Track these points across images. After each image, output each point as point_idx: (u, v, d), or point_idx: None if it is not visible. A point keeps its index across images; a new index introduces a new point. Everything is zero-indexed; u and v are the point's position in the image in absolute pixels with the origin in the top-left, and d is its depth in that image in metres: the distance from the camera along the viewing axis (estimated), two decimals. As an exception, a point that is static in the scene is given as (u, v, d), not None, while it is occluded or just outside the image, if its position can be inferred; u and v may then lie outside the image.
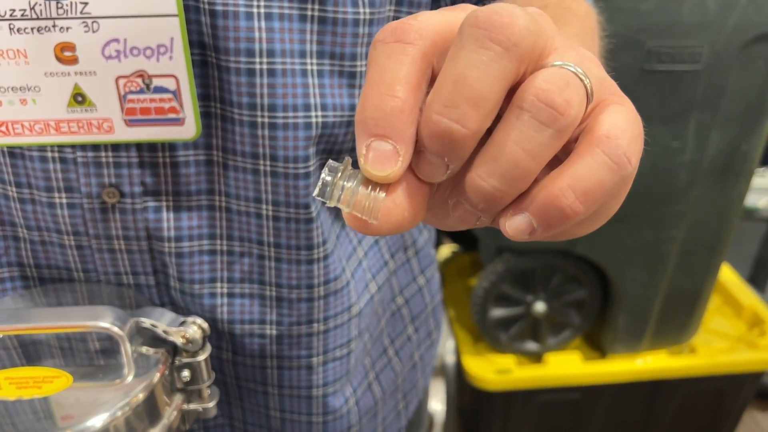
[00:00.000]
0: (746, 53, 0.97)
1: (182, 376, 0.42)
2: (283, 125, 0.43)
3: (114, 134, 0.42)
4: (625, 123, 0.25)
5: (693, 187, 1.08)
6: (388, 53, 0.24)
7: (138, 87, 0.40)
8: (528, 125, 0.23)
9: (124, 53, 0.39)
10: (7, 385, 0.38)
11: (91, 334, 0.43)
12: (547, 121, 0.23)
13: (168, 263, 0.47)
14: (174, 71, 0.40)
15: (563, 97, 0.23)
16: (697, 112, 1.00)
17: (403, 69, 0.24)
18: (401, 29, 0.24)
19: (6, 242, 0.47)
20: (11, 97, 0.40)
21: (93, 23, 0.38)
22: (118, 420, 0.37)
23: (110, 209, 0.44)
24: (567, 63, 0.25)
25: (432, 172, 0.24)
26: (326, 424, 0.55)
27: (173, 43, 0.39)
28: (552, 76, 0.24)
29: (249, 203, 0.46)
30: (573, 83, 0.24)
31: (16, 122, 0.41)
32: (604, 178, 0.24)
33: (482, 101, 0.23)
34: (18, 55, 0.39)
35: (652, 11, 0.92)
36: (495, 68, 0.23)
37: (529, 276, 1.21)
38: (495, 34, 0.23)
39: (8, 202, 0.45)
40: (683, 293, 1.21)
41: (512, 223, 0.25)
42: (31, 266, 0.47)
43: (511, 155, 0.23)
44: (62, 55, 0.39)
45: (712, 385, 1.29)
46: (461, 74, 0.23)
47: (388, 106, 0.23)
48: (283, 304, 0.50)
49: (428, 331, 0.69)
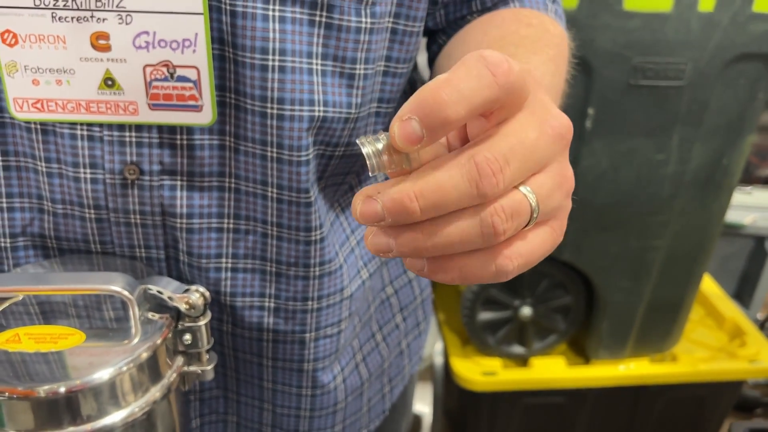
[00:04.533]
0: (728, 71, 1.02)
1: (184, 340, 0.46)
2: (290, 117, 0.48)
3: (138, 116, 0.46)
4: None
5: (676, 198, 1.12)
6: (480, 74, 0.27)
7: (163, 75, 0.45)
8: (470, 223, 0.29)
9: (153, 44, 0.44)
10: (27, 339, 0.42)
11: (107, 303, 0.47)
12: (483, 230, 0.29)
13: (179, 238, 0.51)
14: (196, 63, 0.45)
15: (505, 226, 0.29)
16: (680, 126, 1.05)
17: (480, 96, 0.27)
18: (500, 67, 0.28)
19: (32, 213, 0.51)
20: (48, 78, 0.45)
21: (127, 16, 0.43)
22: (123, 375, 0.41)
23: (130, 185, 0.48)
24: (530, 193, 0.30)
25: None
26: (314, 398, 0.59)
27: (197, 38, 0.44)
28: (510, 204, 0.29)
29: (256, 185, 0.50)
30: (523, 216, 0.30)
31: (51, 100, 0.46)
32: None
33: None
34: (57, 40, 0.44)
35: (637, 29, 0.97)
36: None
37: (517, 281, 1.25)
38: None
39: (37, 176, 0.49)
40: (666, 302, 1.26)
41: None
42: (52, 238, 0.51)
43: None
44: (97, 43, 0.44)
45: (693, 392, 1.33)
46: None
47: (448, 113, 0.27)
48: (282, 280, 0.54)
49: (416, 321, 0.72)
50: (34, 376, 0.40)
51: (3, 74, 0.45)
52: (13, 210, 0.51)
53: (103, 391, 0.41)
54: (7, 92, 0.46)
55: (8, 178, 0.50)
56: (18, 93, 0.46)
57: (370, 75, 0.51)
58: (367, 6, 0.48)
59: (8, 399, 0.39)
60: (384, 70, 0.53)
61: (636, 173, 1.09)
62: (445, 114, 0.27)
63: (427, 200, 0.28)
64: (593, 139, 1.06)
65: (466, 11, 0.58)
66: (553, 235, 0.32)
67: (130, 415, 0.42)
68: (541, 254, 0.32)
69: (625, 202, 1.12)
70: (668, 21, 0.97)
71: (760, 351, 1.33)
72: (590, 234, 1.15)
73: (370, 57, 0.50)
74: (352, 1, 0.47)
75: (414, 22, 0.53)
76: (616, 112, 1.03)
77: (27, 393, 0.39)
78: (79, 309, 0.46)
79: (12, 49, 0.44)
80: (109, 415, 0.41)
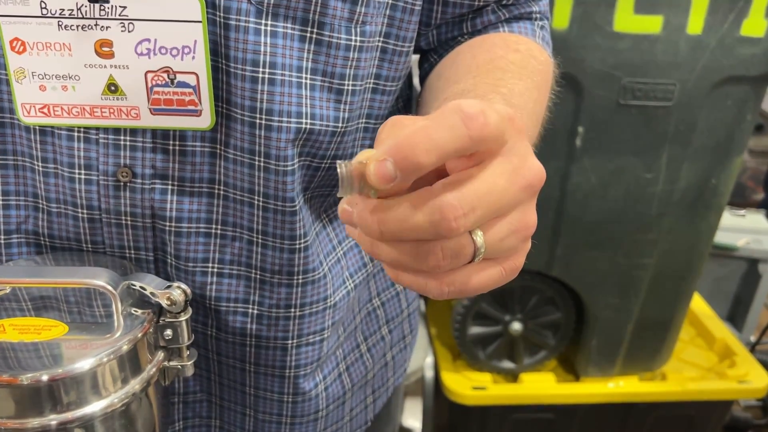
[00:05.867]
0: (716, 93, 1.04)
1: (165, 335, 0.47)
2: (278, 128, 0.49)
3: (140, 120, 0.48)
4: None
5: (664, 217, 1.14)
6: (453, 126, 0.31)
7: (163, 81, 0.47)
8: (411, 251, 0.33)
9: (154, 51, 0.46)
10: (12, 330, 0.44)
11: (94, 299, 0.49)
12: (420, 261, 0.33)
13: (167, 241, 0.52)
14: (195, 69, 0.47)
15: (442, 263, 0.33)
16: (669, 145, 1.07)
17: (452, 146, 0.31)
18: (475, 120, 0.31)
19: (27, 212, 0.53)
20: (54, 84, 0.47)
21: (129, 24, 0.45)
22: (103, 366, 0.43)
23: (122, 187, 0.50)
24: (478, 236, 0.33)
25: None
26: (296, 405, 0.60)
27: (196, 45, 0.46)
28: (452, 246, 0.32)
29: (244, 193, 0.52)
30: (463, 257, 0.33)
31: (57, 105, 0.48)
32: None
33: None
34: (63, 47, 0.46)
35: (627, 50, 0.99)
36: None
37: (508, 296, 1.26)
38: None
39: (34, 175, 0.51)
40: (655, 320, 1.27)
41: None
42: (46, 236, 0.53)
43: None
44: (101, 50, 0.46)
45: (682, 411, 1.33)
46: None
47: (421, 159, 0.30)
48: (266, 287, 0.55)
49: (402, 334, 0.73)
50: (17, 364, 0.42)
51: (12, 80, 0.47)
52: (9, 207, 0.52)
53: (84, 380, 0.42)
54: (16, 98, 0.48)
55: (5, 176, 0.52)
56: (26, 98, 0.48)
57: (359, 91, 0.53)
58: (358, 25, 0.50)
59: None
60: (373, 87, 0.55)
61: (625, 191, 1.11)
62: (417, 160, 0.30)
63: (387, 228, 0.32)
64: (583, 157, 1.08)
65: (457, 33, 0.60)
66: (502, 273, 0.36)
67: (109, 405, 0.43)
68: (480, 288, 0.35)
69: (613, 219, 1.13)
70: (657, 42, 0.99)
71: (750, 371, 1.34)
72: (579, 250, 1.17)
73: (359, 74, 0.52)
74: (342, 20, 0.49)
75: (404, 42, 0.55)
76: (605, 131, 1.05)
77: (10, 381, 0.40)
78: (65, 303, 0.48)
79: (20, 56, 0.46)
80: (90, 405, 0.43)
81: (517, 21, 0.61)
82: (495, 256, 0.35)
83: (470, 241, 0.33)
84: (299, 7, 0.47)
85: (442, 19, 0.59)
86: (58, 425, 0.42)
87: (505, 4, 0.59)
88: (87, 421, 0.43)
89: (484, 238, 0.33)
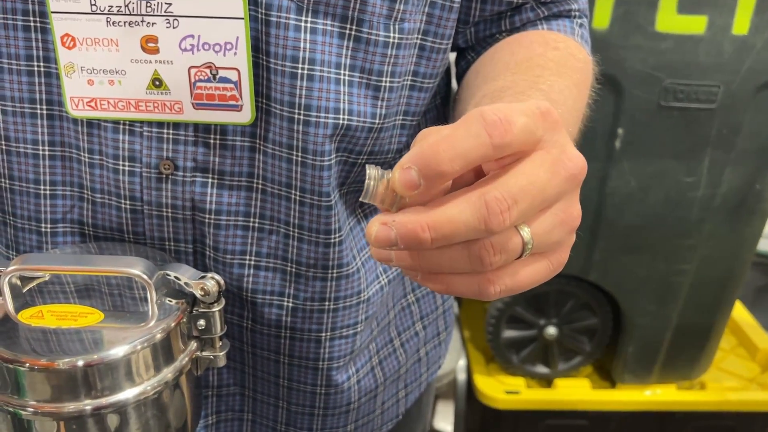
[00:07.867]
0: (761, 95, 1.02)
1: (198, 325, 0.48)
2: (315, 123, 0.50)
3: (183, 114, 0.49)
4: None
5: (705, 222, 1.11)
6: (475, 134, 0.31)
7: (206, 76, 0.48)
8: (461, 254, 0.32)
9: (197, 47, 0.47)
10: (50, 316, 0.45)
11: (132, 288, 0.50)
12: (472, 261, 0.32)
13: (206, 233, 0.53)
14: (237, 65, 0.48)
15: (492, 260, 0.32)
16: (711, 149, 1.05)
17: (475, 154, 0.31)
18: (497, 128, 0.31)
19: (72, 201, 0.54)
20: (102, 78, 0.48)
21: (174, 21, 0.47)
22: (137, 353, 0.44)
23: (164, 179, 0.51)
24: (525, 230, 0.33)
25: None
26: (328, 396, 0.61)
27: (238, 41, 0.47)
28: (500, 241, 0.32)
29: (281, 188, 0.53)
30: (512, 251, 0.33)
31: (104, 99, 0.49)
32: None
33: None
34: (111, 43, 0.47)
35: (669, 50, 0.98)
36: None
37: (543, 300, 1.25)
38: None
39: (80, 166, 0.53)
40: (693, 327, 1.24)
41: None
42: (89, 225, 0.54)
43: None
44: (146, 46, 0.47)
45: (721, 421, 1.30)
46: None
47: (444, 168, 0.30)
48: (301, 281, 0.56)
49: (437, 331, 0.73)
50: (54, 349, 0.43)
51: (62, 74, 0.49)
52: (56, 197, 0.54)
53: (118, 367, 0.43)
54: (65, 91, 0.49)
55: (53, 167, 0.53)
56: (75, 92, 0.49)
57: (396, 88, 0.53)
58: (396, 22, 0.50)
59: (30, 370, 0.42)
60: (411, 84, 0.55)
61: (665, 195, 1.09)
62: (441, 168, 0.31)
63: (438, 232, 0.31)
64: (622, 159, 1.06)
65: (495, 30, 0.60)
66: (549, 267, 0.35)
67: (142, 393, 0.44)
68: (529, 284, 0.35)
69: (652, 224, 1.11)
70: (701, 43, 0.97)
71: (793, 383, 1.30)
72: (617, 255, 1.15)
73: (396, 71, 0.52)
74: (381, 17, 0.50)
75: (442, 39, 0.55)
76: (645, 133, 1.04)
77: (47, 365, 0.42)
78: (105, 292, 0.49)
79: (70, 52, 0.48)
80: (123, 391, 0.43)
81: (555, 19, 0.60)
82: (542, 251, 0.34)
83: (518, 236, 0.33)
84: (339, 4, 0.48)
85: (480, 17, 0.58)
86: (93, 410, 0.43)
87: (543, 2, 0.59)
88: (120, 407, 0.44)
89: (531, 232, 0.33)
